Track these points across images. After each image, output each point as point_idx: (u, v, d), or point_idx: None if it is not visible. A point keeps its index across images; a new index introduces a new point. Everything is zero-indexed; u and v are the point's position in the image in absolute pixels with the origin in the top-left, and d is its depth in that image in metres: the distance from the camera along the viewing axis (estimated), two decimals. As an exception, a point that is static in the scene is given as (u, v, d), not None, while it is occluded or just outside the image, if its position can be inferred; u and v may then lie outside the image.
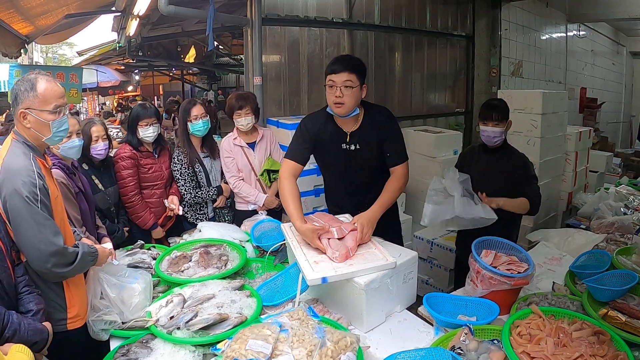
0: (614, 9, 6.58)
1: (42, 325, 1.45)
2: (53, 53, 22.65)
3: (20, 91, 1.53)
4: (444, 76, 5.61)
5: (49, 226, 1.48)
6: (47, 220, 1.48)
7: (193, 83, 13.84)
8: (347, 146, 2.11)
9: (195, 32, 7.23)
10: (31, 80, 1.54)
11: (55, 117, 1.57)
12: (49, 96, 1.55)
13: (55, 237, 1.48)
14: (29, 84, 1.53)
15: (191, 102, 2.83)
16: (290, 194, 1.99)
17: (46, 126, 1.56)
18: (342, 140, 2.11)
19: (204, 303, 1.63)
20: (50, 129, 1.57)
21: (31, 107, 1.53)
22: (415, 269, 1.78)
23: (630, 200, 3.13)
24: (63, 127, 1.61)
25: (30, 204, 1.45)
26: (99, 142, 2.45)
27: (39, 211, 1.46)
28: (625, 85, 10.70)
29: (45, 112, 1.55)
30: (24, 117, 1.54)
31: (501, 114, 2.26)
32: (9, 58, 5.70)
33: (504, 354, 1.30)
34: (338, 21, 4.36)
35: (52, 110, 1.56)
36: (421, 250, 3.50)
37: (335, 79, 1.96)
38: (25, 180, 1.46)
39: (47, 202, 1.51)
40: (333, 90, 1.98)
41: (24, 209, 1.44)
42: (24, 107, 1.53)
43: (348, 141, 2.10)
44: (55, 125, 1.58)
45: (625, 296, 1.62)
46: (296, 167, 2.10)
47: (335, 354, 1.24)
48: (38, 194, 1.47)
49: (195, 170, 2.81)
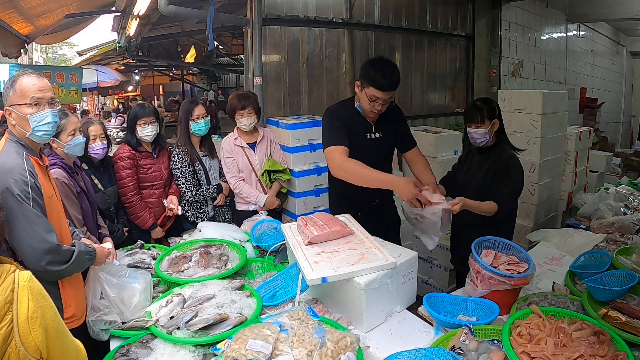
0: (614, 9, 6.57)
1: None
2: (53, 53, 22.64)
3: (6, 90, 1.54)
4: (444, 76, 5.60)
5: (41, 224, 1.48)
6: (39, 218, 1.48)
7: (193, 83, 13.83)
8: (372, 135, 2.25)
9: (195, 32, 7.22)
10: (14, 78, 1.54)
11: (33, 110, 1.53)
12: (26, 89, 1.53)
13: (48, 234, 1.48)
14: (11, 82, 1.54)
15: (193, 101, 2.84)
16: (360, 165, 2.00)
17: (25, 120, 1.53)
18: (367, 129, 2.24)
19: (204, 303, 1.64)
20: (30, 124, 1.54)
21: (13, 104, 1.54)
22: (415, 269, 1.78)
23: (630, 200, 3.13)
24: (44, 121, 1.56)
25: (22, 202, 1.45)
26: (97, 142, 2.45)
27: (31, 209, 1.46)
28: (625, 85, 10.69)
29: (24, 106, 1.53)
30: (10, 114, 1.54)
31: (482, 114, 2.18)
32: (9, 58, 5.69)
33: (504, 354, 1.30)
34: (338, 21, 4.35)
35: (30, 102, 1.53)
36: (421, 250, 3.50)
37: (380, 95, 2.06)
38: (17, 179, 1.46)
39: (40, 200, 1.51)
40: (375, 103, 2.08)
41: (16, 207, 1.44)
42: (8, 105, 1.54)
43: (373, 130, 2.25)
44: (34, 119, 1.53)
45: (625, 296, 1.62)
46: (345, 150, 2.08)
47: (335, 354, 1.25)
48: (29, 192, 1.47)
49: (195, 168, 2.82)
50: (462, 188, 2.34)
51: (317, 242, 1.80)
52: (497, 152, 2.29)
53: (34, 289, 0.99)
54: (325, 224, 1.85)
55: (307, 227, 1.84)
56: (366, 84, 2.06)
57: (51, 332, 1.01)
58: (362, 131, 2.24)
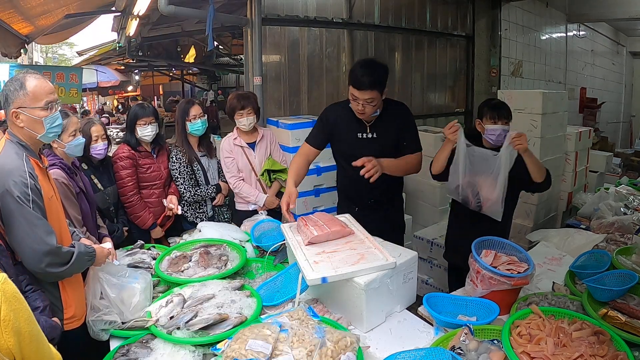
0: (614, 9, 6.57)
1: (53, 320, 1.47)
2: (53, 53, 22.64)
3: (10, 91, 1.53)
4: (444, 76, 5.60)
5: (41, 226, 1.48)
6: (39, 220, 1.48)
7: (193, 83, 13.83)
8: (364, 135, 2.22)
9: (195, 32, 7.22)
10: (20, 80, 1.54)
11: (48, 113, 1.57)
12: (39, 93, 1.55)
13: (48, 236, 1.49)
14: (18, 84, 1.53)
15: (189, 102, 2.84)
16: (295, 165, 2.24)
17: (39, 123, 1.56)
18: (360, 130, 2.22)
19: (204, 303, 1.63)
20: (44, 126, 1.57)
21: (22, 106, 1.53)
22: (415, 269, 1.78)
23: (630, 200, 3.13)
24: (56, 122, 1.61)
25: (22, 204, 1.45)
26: (99, 142, 2.45)
27: (31, 211, 1.46)
28: (625, 85, 10.70)
29: (37, 109, 1.55)
30: (17, 116, 1.54)
31: (508, 111, 2.25)
32: (9, 58, 5.70)
33: (504, 354, 1.29)
34: (338, 21, 4.35)
35: (44, 106, 1.56)
36: (421, 250, 3.50)
37: (358, 95, 2.03)
38: (17, 181, 1.46)
39: (40, 202, 1.51)
40: (355, 102, 2.07)
41: (16, 209, 1.45)
42: (16, 107, 1.53)
43: (368, 131, 2.22)
44: (48, 122, 1.57)
45: (625, 296, 1.62)
46: (310, 150, 2.30)
47: (335, 354, 1.24)
48: (29, 193, 1.47)
49: (194, 168, 2.82)
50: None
51: (317, 242, 1.80)
52: None
53: (8, 292, 0.96)
54: (325, 224, 1.85)
55: (307, 227, 1.84)
56: (348, 82, 2.09)
57: (25, 336, 0.98)
58: (354, 131, 2.23)
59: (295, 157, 2.32)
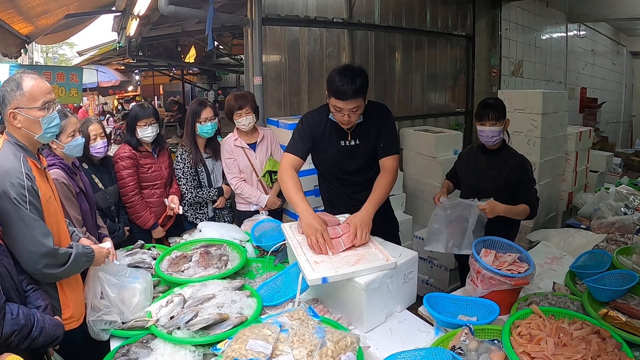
0: (614, 9, 6.57)
1: (56, 319, 1.47)
2: (53, 53, 22.65)
3: (7, 92, 1.52)
4: (444, 76, 5.60)
5: (38, 227, 1.48)
6: (36, 222, 1.48)
7: (193, 83, 13.83)
8: (347, 142, 2.12)
9: (195, 32, 7.22)
10: (16, 80, 1.53)
11: (45, 113, 1.56)
12: (36, 93, 1.54)
13: (45, 238, 1.48)
14: (15, 84, 1.52)
15: (202, 103, 2.82)
16: (293, 183, 2.00)
17: (37, 123, 1.56)
18: (342, 137, 2.13)
19: (204, 303, 1.63)
20: (41, 126, 1.56)
21: (19, 106, 1.53)
22: (415, 269, 1.78)
23: (631, 200, 3.13)
24: (54, 122, 1.60)
25: (19, 205, 1.45)
26: (98, 141, 2.45)
27: (28, 213, 1.46)
28: (626, 85, 10.69)
29: (35, 109, 1.54)
30: (14, 117, 1.54)
31: (497, 112, 2.21)
32: (9, 58, 5.70)
33: (504, 354, 1.29)
34: (338, 21, 4.35)
35: (41, 106, 1.55)
36: (421, 250, 3.50)
37: (342, 106, 1.91)
38: (14, 182, 1.45)
39: (37, 204, 1.50)
40: (339, 114, 1.96)
41: (12, 210, 1.44)
42: (13, 107, 1.52)
43: (349, 138, 2.12)
44: (45, 122, 1.57)
45: (625, 296, 1.62)
46: (295, 160, 2.11)
47: (335, 354, 1.24)
48: (26, 195, 1.46)
49: (198, 170, 2.82)
50: (472, 189, 2.34)
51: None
52: (507, 153, 2.33)
53: None
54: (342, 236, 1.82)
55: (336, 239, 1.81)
56: (329, 94, 1.96)
57: None
58: (336, 139, 2.12)
59: (282, 173, 2.07)
